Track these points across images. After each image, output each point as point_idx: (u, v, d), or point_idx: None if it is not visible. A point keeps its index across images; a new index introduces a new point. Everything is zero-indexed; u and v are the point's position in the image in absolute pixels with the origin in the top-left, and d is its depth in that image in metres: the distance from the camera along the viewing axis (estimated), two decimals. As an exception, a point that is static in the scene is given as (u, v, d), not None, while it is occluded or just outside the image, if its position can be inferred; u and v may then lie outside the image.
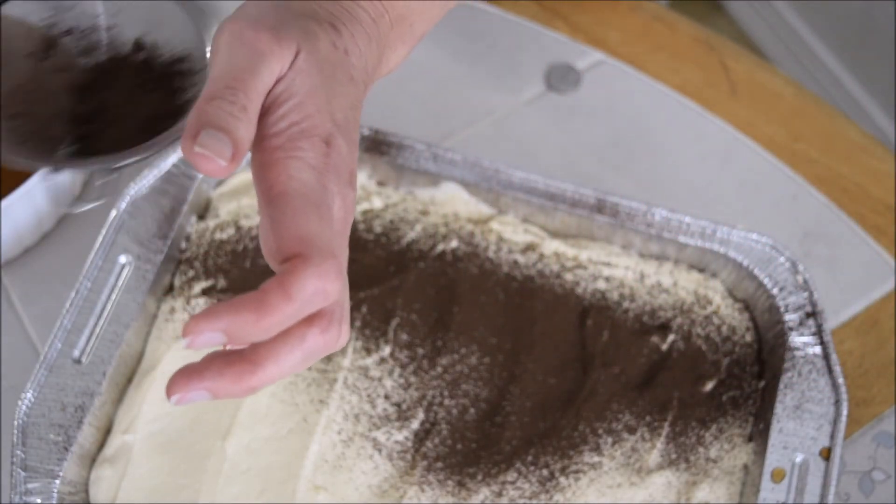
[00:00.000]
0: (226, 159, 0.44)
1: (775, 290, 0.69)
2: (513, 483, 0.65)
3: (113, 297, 0.65)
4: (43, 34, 0.67)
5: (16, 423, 0.62)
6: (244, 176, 0.73)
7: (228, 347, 0.43)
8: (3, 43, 0.67)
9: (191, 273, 0.69)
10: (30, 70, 0.67)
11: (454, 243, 0.72)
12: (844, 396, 0.65)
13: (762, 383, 0.68)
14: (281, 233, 0.44)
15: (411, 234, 0.72)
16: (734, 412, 0.67)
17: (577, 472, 0.65)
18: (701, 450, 0.66)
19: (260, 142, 0.46)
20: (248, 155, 0.47)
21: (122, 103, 0.66)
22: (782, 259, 0.69)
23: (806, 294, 0.68)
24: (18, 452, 0.61)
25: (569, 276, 0.71)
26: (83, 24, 0.68)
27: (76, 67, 0.67)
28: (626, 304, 0.70)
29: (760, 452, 0.64)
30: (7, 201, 0.68)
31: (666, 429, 0.67)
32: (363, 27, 0.50)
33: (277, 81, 0.47)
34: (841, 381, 0.65)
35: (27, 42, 0.67)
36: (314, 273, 0.42)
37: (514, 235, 0.72)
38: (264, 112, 0.46)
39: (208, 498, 0.63)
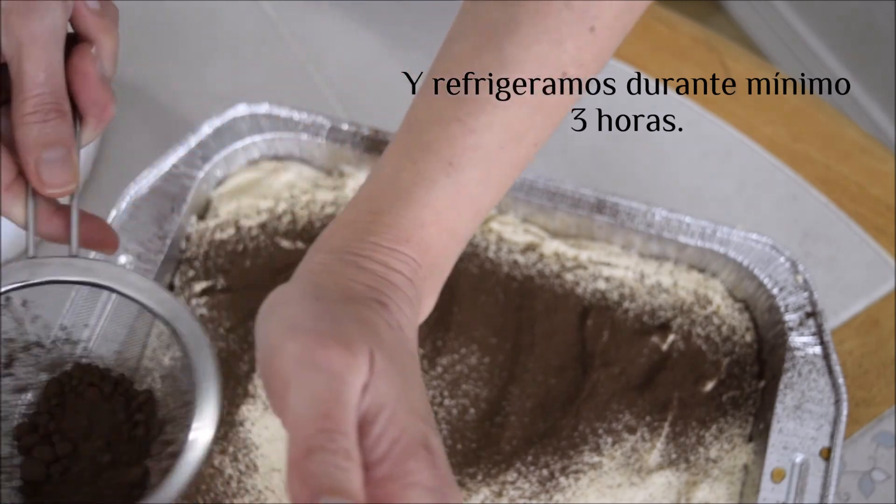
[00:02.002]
0: None
1: (775, 290, 0.69)
2: (513, 483, 0.65)
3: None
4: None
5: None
6: (244, 175, 0.73)
7: None
8: None
9: (191, 273, 0.69)
10: None
11: (454, 243, 0.72)
12: (844, 396, 0.65)
13: (762, 383, 0.68)
14: None
15: (411, 234, 0.72)
16: (734, 412, 0.67)
17: (577, 472, 0.65)
18: (701, 450, 0.66)
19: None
20: None
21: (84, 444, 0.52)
22: (782, 259, 0.69)
23: (806, 294, 0.68)
24: (18, 452, 0.61)
25: (569, 276, 0.71)
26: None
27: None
28: (626, 304, 0.70)
29: (760, 452, 0.64)
30: (7, 201, 0.68)
31: (666, 429, 0.67)
32: (403, 291, 0.46)
33: (362, 393, 0.40)
34: (841, 381, 0.65)
35: None
36: None
37: (514, 235, 0.72)
38: (358, 435, 0.40)
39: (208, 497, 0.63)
